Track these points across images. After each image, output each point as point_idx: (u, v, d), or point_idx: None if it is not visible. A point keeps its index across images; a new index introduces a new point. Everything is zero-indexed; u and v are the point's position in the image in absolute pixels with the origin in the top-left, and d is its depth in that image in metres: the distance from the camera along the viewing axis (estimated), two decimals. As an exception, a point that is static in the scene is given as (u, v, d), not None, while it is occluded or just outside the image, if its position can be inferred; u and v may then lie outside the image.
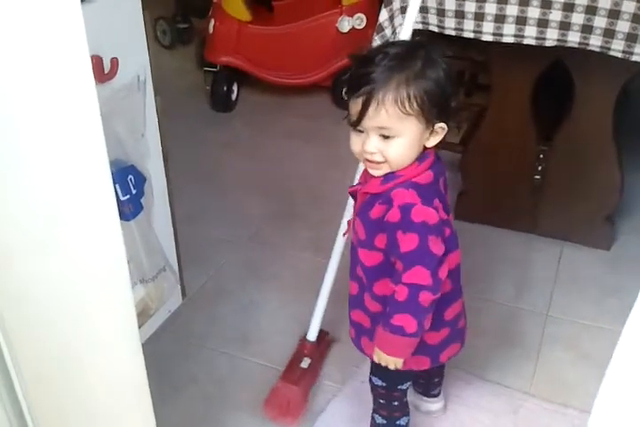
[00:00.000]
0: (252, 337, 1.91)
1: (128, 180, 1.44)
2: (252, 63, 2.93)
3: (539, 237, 2.26)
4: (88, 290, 1.01)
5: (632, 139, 2.38)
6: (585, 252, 2.21)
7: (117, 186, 1.41)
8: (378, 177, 1.22)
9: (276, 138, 2.87)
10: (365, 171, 1.30)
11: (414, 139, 1.17)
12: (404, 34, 1.53)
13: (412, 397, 1.67)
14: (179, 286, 1.80)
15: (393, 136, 1.16)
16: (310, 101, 3.05)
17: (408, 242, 1.17)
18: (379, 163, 1.20)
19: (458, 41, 2.33)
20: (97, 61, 1.36)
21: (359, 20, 2.86)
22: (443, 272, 1.21)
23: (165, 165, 1.65)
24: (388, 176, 1.21)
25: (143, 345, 1.14)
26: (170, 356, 1.83)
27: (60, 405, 1.08)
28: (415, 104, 1.13)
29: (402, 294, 1.20)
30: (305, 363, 1.67)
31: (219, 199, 2.49)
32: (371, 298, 1.33)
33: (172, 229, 1.73)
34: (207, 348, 1.88)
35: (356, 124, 1.17)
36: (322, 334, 1.78)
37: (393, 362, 1.29)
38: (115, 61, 1.38)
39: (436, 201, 1.20)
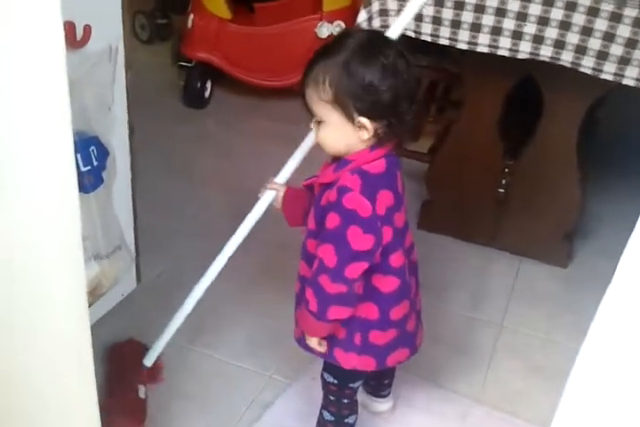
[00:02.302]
0: (204, 328, 1.88)
1: (90, 151, 1.42)
2: (229, 62, 2.92)
3: (498, 250, 2.27)
4: (38, 250, 0.98)
5: (598, 165, 2.41)
6: (542, 268, 2.22)
7: (79, 156, 1.38)
8: (331, 166, 1.22)
9: (246, 137, 2.86)
10: (324, 166, 1.29)
11: (337, 128, 1.17)
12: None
13: (361, 396, 1.65)
14: (134, 268, 1.76)
15: (321, 121, 1.19)
16: (284, 104, 3.04)
17: (331, 220, 1.18)
18: None
19: (434, 51, 2.36)
20: (69, 27, 1.34)
21: (338, 28, 2.87)
22: (352, 270, 1.18)
23: (130, 143, 1.62)
24: (339, 164, 1.21)
25: (93, 326, 1.11)
26: (118, 341, 1.79)
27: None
28: (330, 93, 1.14)
29: (314, 265, 1.21)
30: (142, 392, 1.59)
31: (183, 192, 2.47)
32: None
33: (131, 208, 1.69)
34: (156, 336, 1.83)
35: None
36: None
37: (307, 339, 1.30)
38: (87, 29, 1.36)
39: (383, 193, 1.19)
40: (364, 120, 1.15)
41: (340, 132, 1.17)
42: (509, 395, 1.76)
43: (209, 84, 3.04)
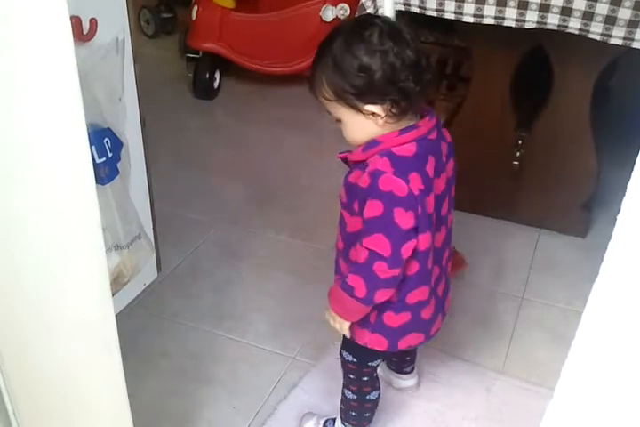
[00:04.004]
0: (226, 314, 1.90)
1: (104, 142, 1.43)
2: (235, 50, 2.93)
3: (516, 223, 2.27)
4: (58, 242, 0.99)
5: (612, 134, 2.39)
6: (561, 239, 2.23)
7: (93, 148, 1.40)
8: (360, 145, 1.22)
9: (257, 126, 2.87)
10: None
11: (353, 122, 1.20)
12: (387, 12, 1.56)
13: (385, 373, 1.67)
14: (154, 257, 1.78)
15: (339, 119, 1.21)
16: (292, 91, 3.05)
17: (373, 208, 1.16)
18: None
19: (440, 27, 2.36)
20: (76, 22, 1.34)
21: (343, 10, 2.87)
22: (407, 249, 1.17)
23: (143, 133, 1.64)
24: (368, 144, 1.20)
25: (117, 316, 1.14)
26: (143, 330, 1.82)
27: (26, 366, 1.06)
28: (330, 91, 1.17)
29: (361, 256, 1.19)
30: None
31: (198, 182, 2.49)
32: (345, 264, 1.32)
33: (148, 198, 1.71)
34: (181, 323, 1.87)
35: None
36: None
37: (339, 322, 1.28)
38: (94, 22, 1.37)
39: (414, 175, 1.17)
40: (370, 107, 1.16)
41: (357, 125, 1.20)
42: (534, 365, 1.77)
43: (217, 75, 3.05)
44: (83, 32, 1.37)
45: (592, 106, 2.07)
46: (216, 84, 3.05)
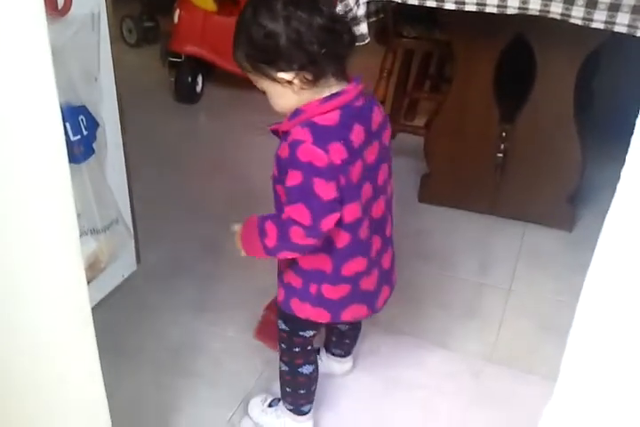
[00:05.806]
0: (207, 308, 1.86)
1: (79, 120, 1.39)
2: (217, 54, 2.91)
3: (501, 218, 2.25)
4: (29, 221, 0.94)
5: (596, 134, 2.38)
6: (547, 233, 2.20)
7: (67, 124, 1.36)
8: (287, 115, 1.24)
9: (239, 129, 2.84)
10: None
11: (273, 91, 1.21)
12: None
13: (323, 356, 1.66)
14: (132, 246, 1.73)
15: (264, 91, 1.24)
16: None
17: (293, 178, 1.16)
18: None
19: (422, 22, 2.36)
20: (50, -4, 1.32)
21: (325, 10, 2.87)
22: (328, 222, 1.17)
23: (121, 117, 1.60)
24: (293, 113, 1.21)
25: (93, 309, 1.09)
26: (121, 323, 1.77)
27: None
28: (247, 63, 1.20)
29: (284, 216, 1.19)
30: None
31: (178, 182, 2.45)
32: None
33: (126, 183, 1.67)
34: (160, 317, 1.82)
35: None
36: None
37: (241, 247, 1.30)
38: (69, -4, 1.35)
39: (336, 145, 1.17)
40: (281, 75, 1.17)
41: (277, 94, 1.21)
42: (522, 353, 1.74)
43: (200, 79, 3.03)
44: (57, 7, 1.35)
45: (576, 106, 2.05)
46: (198, 89, 3.03)
